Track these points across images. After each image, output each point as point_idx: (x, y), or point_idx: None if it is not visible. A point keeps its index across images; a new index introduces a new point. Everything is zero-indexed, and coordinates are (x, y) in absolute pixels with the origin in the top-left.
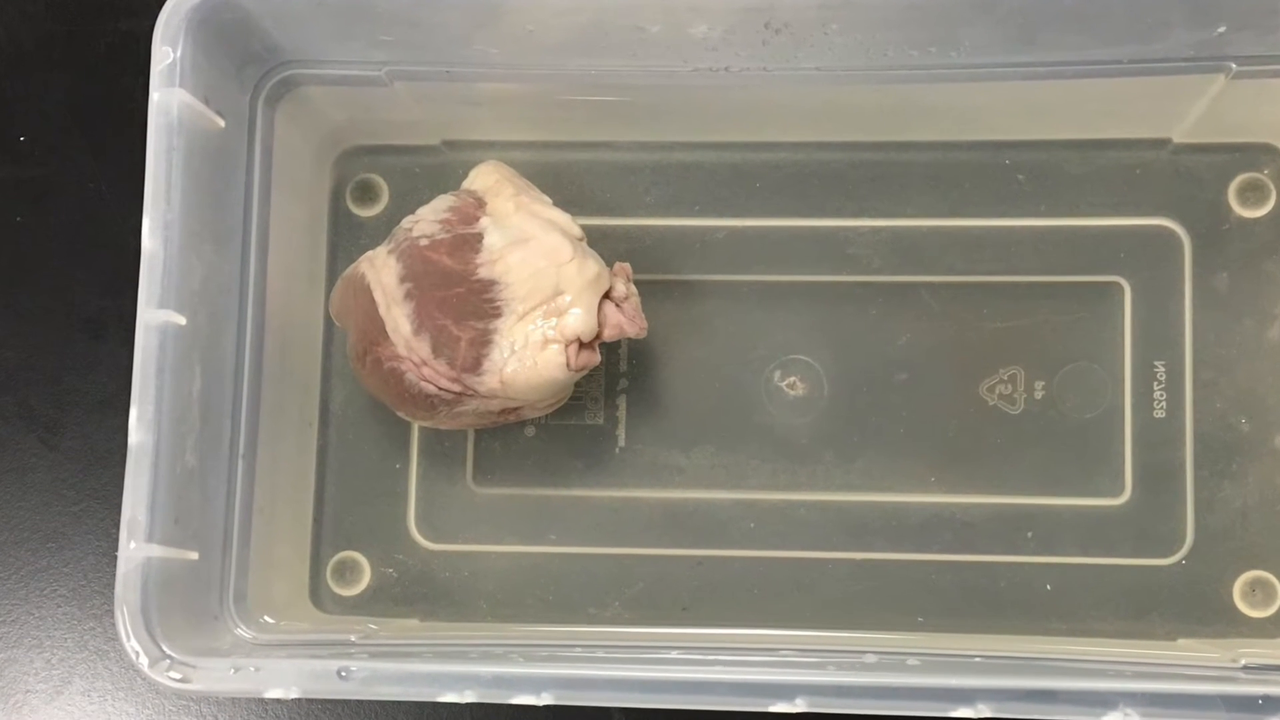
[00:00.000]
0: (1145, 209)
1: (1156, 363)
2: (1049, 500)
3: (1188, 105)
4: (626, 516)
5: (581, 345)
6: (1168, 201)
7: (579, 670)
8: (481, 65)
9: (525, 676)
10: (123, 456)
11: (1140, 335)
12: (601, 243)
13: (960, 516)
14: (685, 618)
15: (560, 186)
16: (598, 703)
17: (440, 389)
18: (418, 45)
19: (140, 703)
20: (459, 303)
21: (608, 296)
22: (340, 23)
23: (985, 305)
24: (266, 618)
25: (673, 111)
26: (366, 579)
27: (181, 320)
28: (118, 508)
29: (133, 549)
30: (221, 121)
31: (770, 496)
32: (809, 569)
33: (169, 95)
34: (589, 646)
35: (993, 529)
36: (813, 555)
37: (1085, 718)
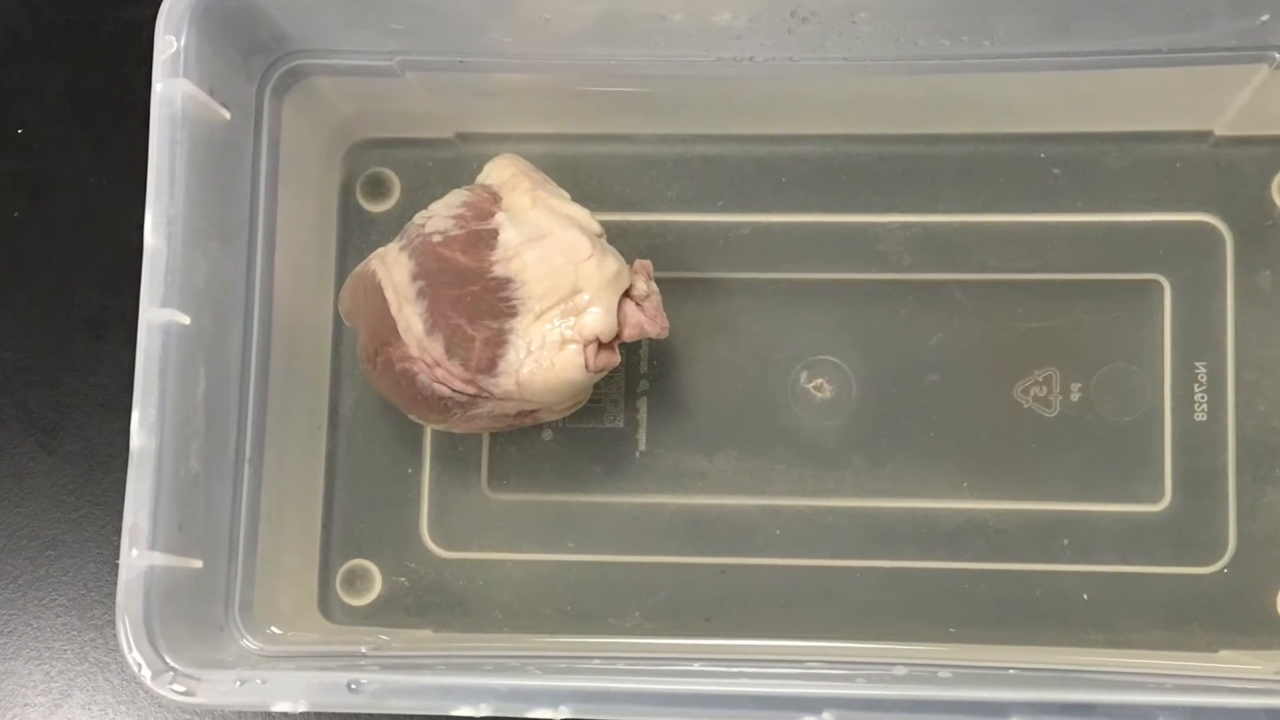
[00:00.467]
0: (1185, 204)
1: (1197, 364)
2: (1086, 506)
3: (1229, 96)
4: (647, 523)
5: (600, 345)
6: (1209, 196)
7: (598, 683)
8: (497, 55)
9: (542, 689)
10: (124, 461)
11: (1180, 335)
12: (621, 239)
13: (993, 523)
14: (708, 628)
15: (578, 181)
16: (617, 717)
17: (454, 391)
18: (430, 34)
19: (142, 716)
20: (473, 301)
21: (628, 295)
22: (350, 10)
23: (1019, 304)
24: (273, 628)
25: (695, 103)
26: (377, 588)
27: (185, 320)
28: (119, 514)
29: (135, 557)
30: (227, 113)
31: (796, 502)
32: (837, 577)
33: (172, 86)
34: (608, 658)
35: (1027, 536)
36: (841, 563)
37: None
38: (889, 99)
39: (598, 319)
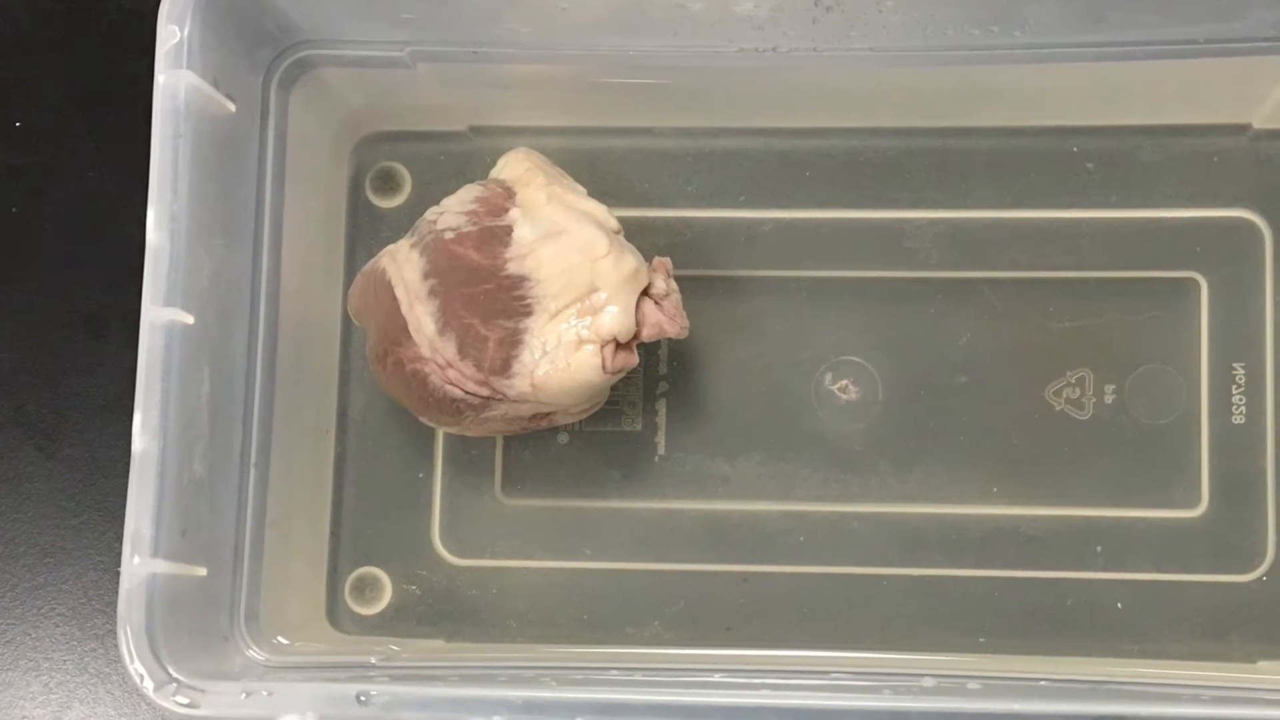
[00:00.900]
0: (1223, 199)
1: (1235, 365)
2: (1119, 512)
3: (1269, 88)
4: (666, 529)
5: (618, 346)
6: (1247, 191)
7: (616, 695)
8: (511, 45)
9: (558, 701)
10: (126, 465)
11: (1218, 335)
12: (640, 236)
13: (1024, 529)
14: (729, 638)
15: (595, 176)
16: None
17: (467, 393)
18: (443, 23)
19: None
20: (487, 300)
21: (646, 294)
22: None
23: (1051, 303)
24: (280, 638)
25: (716, 95)
26: (387, 597)
27: (189, 319)
28: (120, 520)
29: (137, 565)
30: (232, 106)
31: (821, 508)
32: (862, 586)
33: (175, 77)
34: (626, 669)
35: (1059, 543)
36: (866, 571)
37: None
38: (916, 91)
39: (615, 318)
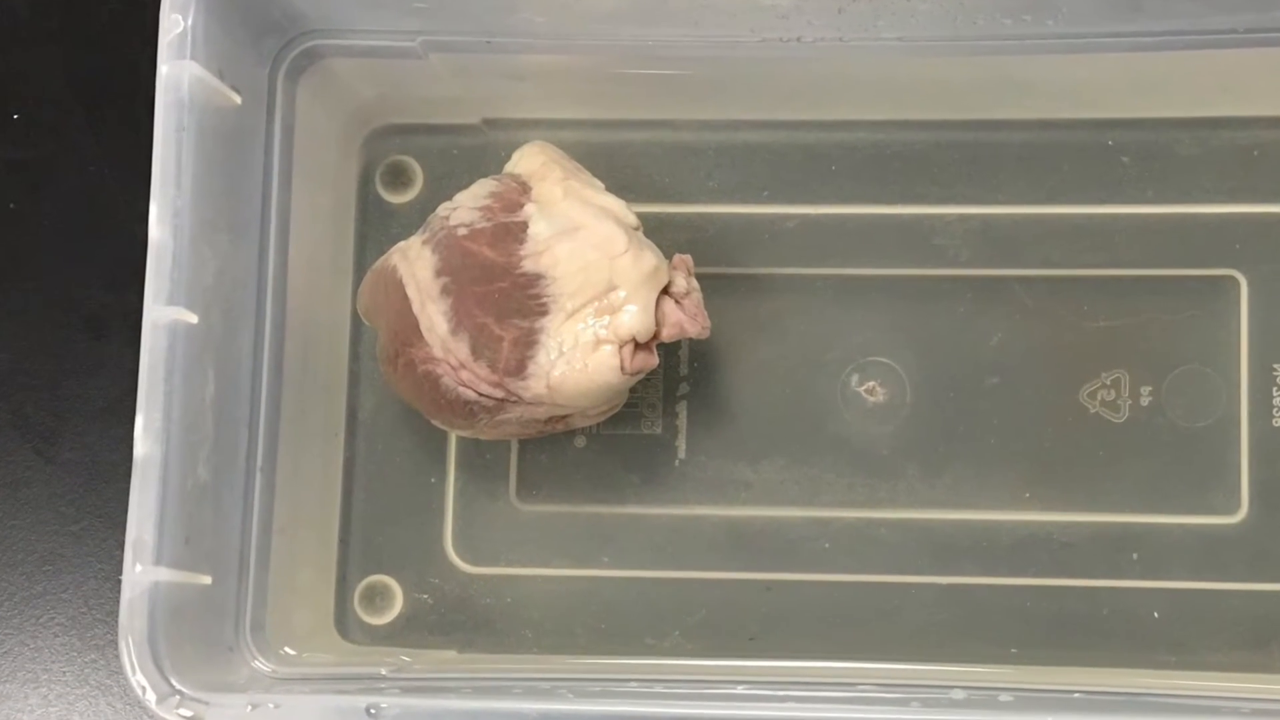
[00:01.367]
0: (1264, 195)
1: (1276, 366)
2: (1156, 518)
3: None
4: (687, 536)
5: (637, 346)
6: None
7: (635, 707)
8: (526, 35)
9: (575, 714)
10: (127, 470)
11: (1258, 335)
12: (659, 232)
13: (1058, 536)
14: (752, 648)
15: (614, 170)
16: None
17: (480, 394)
18: (455, 12)
19: None
20: (501, 299)
21: (666, 292)
22: None
23: (1086, 302)
24: (287, 649)
25: (738, 86)
26: (398, 606)
27: (193, 318)
28: (122, 527)
29: (139, 573)
30: (237, 97)
31: (847, 514)
32: (890, 594)
33: (179, 68)
34: (646, 681)
35: (1094, 550)
36: (894, 579)
37: None
38: (946, 82)
39: (634, 318)
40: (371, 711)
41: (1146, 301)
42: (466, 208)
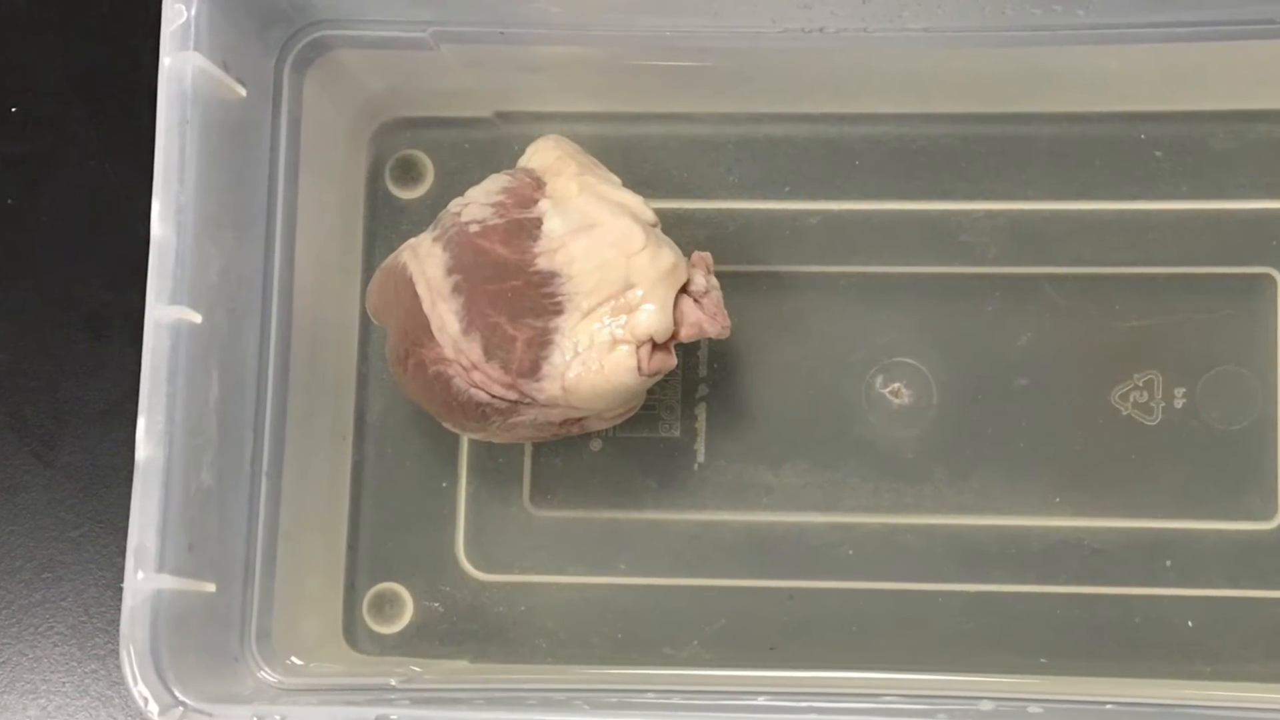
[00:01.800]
0: None
1: None
2: (1191, 524)
3: None
4: (706, 542)
5: (655, 346)
6: None
7: (652, 719)
8: (541, 25)
9: None
10: (129, 474)
11: None
12: (678, 229)
13: (1089, 542)
14: (773, 659)
15: (630, 165)
16: None
17: (493, 396)
18: (468, 2)
19: None
20: (515, 298)
21: (685, 291)
22: None
23: (1117, 300)
24: (294, 659)
25: (759, 79)
26: (408, 614)
27: (196, 318)
28: (123, 533)
29: (140, 580)
30: (243, 90)
31: (871, 520)
32: (915, 602)
33: (182, 60)
34: (664, 691)
35: (1126, 557)
36: (919, 587)
37: None
38: (973, 74)
39: (652, 317)
40: None
41: (1180, 300)
42: (479, 204)
